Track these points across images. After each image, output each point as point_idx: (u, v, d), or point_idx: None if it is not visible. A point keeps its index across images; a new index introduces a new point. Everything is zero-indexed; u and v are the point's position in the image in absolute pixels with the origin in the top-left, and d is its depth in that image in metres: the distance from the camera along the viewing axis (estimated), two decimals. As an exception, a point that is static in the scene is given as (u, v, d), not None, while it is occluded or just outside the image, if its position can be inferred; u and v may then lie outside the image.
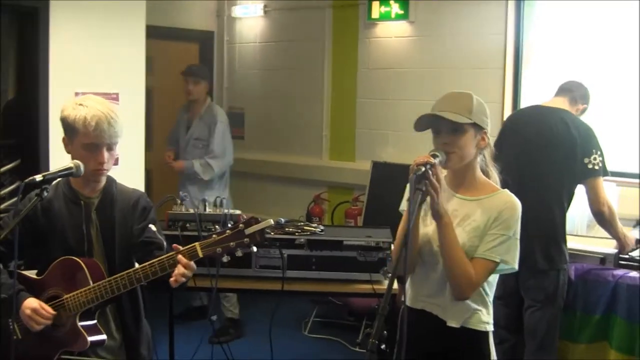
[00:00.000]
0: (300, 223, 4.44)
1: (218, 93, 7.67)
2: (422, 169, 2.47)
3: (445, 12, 6.02)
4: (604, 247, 4.61)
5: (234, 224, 2.72)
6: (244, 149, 7.12)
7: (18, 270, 2.84)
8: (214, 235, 2.70)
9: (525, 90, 5.74)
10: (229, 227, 2.72)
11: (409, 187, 2.47)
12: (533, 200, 3.94)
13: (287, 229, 4.20)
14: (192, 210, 4.05)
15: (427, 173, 2.48)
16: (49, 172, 2.71)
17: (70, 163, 2.77)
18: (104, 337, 2.88)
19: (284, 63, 7.19)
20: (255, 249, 2.73)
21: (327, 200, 6.76)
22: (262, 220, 2.71)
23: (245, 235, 2.68)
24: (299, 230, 4.19)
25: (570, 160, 4.26)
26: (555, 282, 4.30)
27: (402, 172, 2.71)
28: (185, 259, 2.68)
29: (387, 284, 2.66)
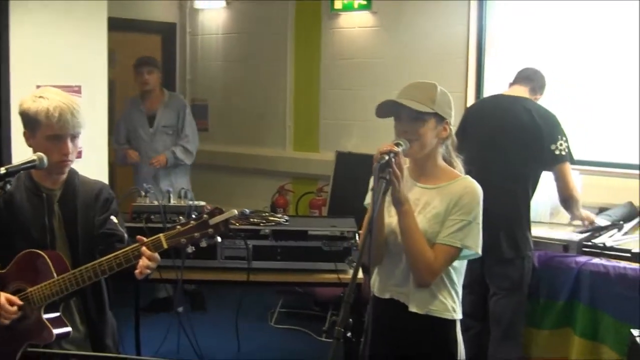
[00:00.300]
0: (265, 214, 4.45)
1: (181, 85, 7.63)
2: (385, 158, 2.49)
3: (408, 2, 6.04)
4: (567, 233, 4.65)
5: (198, 215, 2.74)
6: (208, 141, 7.07)
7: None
8: (178, 227, 2.71)
9: (488, 80, 5.79)
10: (193, 218, 2.74)
11: (373, 176, 2.49)
12: (498, 189, 3.99)
13: (252, 220, 4.21)
14: (156, 202, 4.04)
15: (390, 161, 2.50)
16: (12, 165, 2.69)
17: (34, 155, 2.75)
18: (69, 329, 2.87)
19: (247, 54, 7.17)
20: (220, 240, 2.75)
21: (291, 191, 6.76)
22: (226, 211, 2.72)
23: (210, 226, 2.69)
24: (264, 221, 4.20)
25: (536, 148, 4.30)
26: (521, 269, 4.34)
27: (366, 162, 2.73)
28: (149, 251, 2.69)
29: (352, 273, 2.67)
